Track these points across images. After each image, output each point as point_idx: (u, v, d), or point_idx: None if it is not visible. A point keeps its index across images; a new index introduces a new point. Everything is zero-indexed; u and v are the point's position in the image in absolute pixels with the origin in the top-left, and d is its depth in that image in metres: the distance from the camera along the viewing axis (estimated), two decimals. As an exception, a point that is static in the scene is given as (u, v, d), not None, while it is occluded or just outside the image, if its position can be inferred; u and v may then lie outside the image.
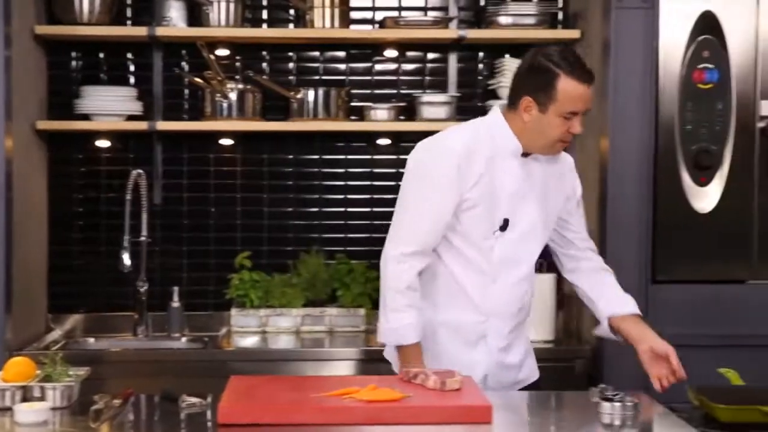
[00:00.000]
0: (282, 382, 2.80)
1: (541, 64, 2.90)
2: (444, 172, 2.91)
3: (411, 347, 2.94)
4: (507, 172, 2.96)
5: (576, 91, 2.86)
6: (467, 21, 4.37)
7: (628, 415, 2.56)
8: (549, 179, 3.04)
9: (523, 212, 2.99)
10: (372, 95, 4.37)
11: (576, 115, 2.89)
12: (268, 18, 4.37)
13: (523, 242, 3.00)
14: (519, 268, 3.01)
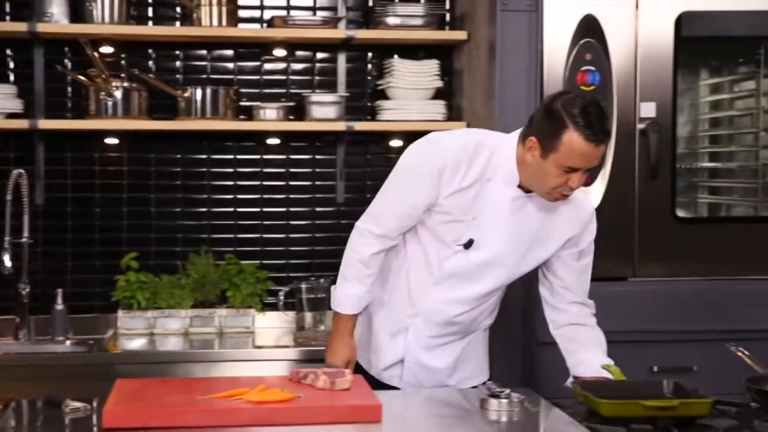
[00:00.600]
0: (170, 385, 2.76)
1: (555, 109, 2.79)
2: (427, 170, 2.89)
3: (342, 318, 3.02)
4: (493, 198, 2.92)
5: (580, 149, 2.75)
6: (356, 21, 4.38)
7: (514, 411, 2.61)
8: (549, 222, 2.98)
9: (495, 241, 2.94)
10: (261, 95, 4.35)
11: (576, 171, 2.80)
12: (153, 15, 4.30)
13: (482, 268, 2.97)
14: (465, 289, 3.00)
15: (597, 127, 2.75)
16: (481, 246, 2.94)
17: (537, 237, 2.98)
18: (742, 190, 4.17)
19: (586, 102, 2.79)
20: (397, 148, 4.40)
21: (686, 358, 3.74)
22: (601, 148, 2.78)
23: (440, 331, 3.06)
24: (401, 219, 2.96)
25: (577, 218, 3.01)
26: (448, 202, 2.90)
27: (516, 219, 2.94)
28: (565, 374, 3.02)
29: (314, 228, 4.37)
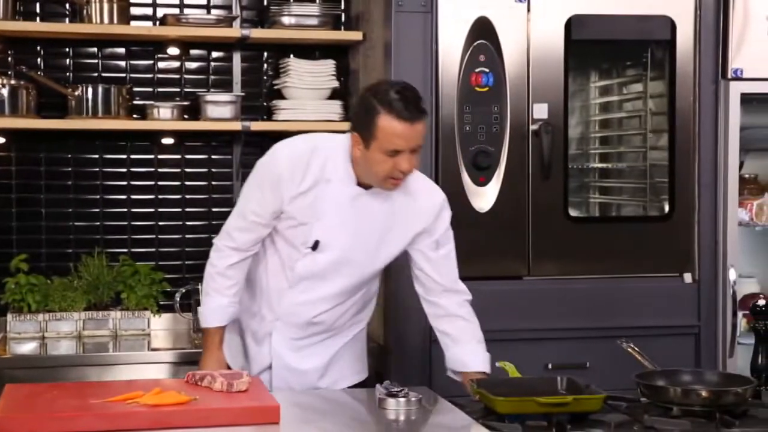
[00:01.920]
0: (62, 389, 2.71)
1: (366, 99, 2.89)
2: (267, 180, 2.98)
3: (209, 332, 3.05)
4: (334, 198, 2.96)
5: (396, 129, 2.82)
6: (251, 20, 4.36)
7: (412, 410, 2.63)
8: (397, 215, 3.01)
9: (340, 240, 2.98)
10: (155, 93, 4.29)
11: (400, 153, 2.85)
12: (41, 11, 4.21)
13: (332, 268, 3.00)
14: (319, 290, 3.03)
15: (409, 105, 2.84)
16: (327, 246, 2.99)
17: (386, 231, 3.02)
18: (631, 190, 4.27)
19: (397, 86, 2.91)
20: (294, 148, 4.39)
21: (579, 355, 3.82)
22: (417, 125, 2.85)
23: (302, 333, 3.09)
24: (251, 230, 3.01)
25: (426, 209, 3.05)
26: (291, 208, 2.96)
27: (360, 216, 2.98)
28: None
29: (211, 229, 4.30)
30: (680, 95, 4.00)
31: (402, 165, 2.86)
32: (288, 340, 3.09)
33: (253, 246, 3.04)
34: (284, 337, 3.09)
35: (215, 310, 3.04)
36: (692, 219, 4.00)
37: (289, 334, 3.08)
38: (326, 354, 3.13)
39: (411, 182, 3.00)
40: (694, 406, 2.68)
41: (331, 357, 3.14)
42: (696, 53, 4.00)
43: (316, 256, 2.99)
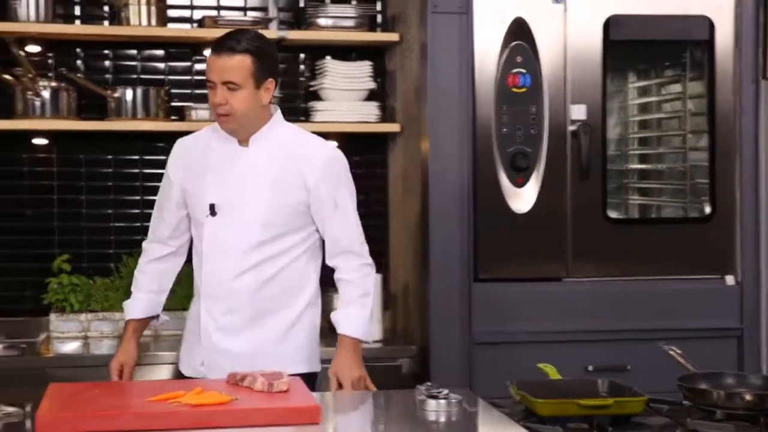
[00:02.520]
0: (104, 389, 2.73)
1: None
2: (168, 165, 3.19)
3: (125, 324, 3.24)
4: (217, 158, 3.08)
5: (209, 60, 3.02)
6: (287, 22, 4.37)
7: (452, 412, 2.62)
8: (283, 170, 3.06)
9: (234, 197, 3.05)
10: (192, 95, 4.31)
11: (214, 86, 3.00)
12: (81, 14, 4.24)
13: (233, 227, 3.05)
14: (229, 253, 3.06)
15: (223, 40, 3.01)
16: (224, 208, 3.05)
17: (274, 183, 3.05)
18: (670, 191, 4.24)
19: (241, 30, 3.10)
20: (333, 149, 4.39)
21: (620, 357, 3.80)
22: (223, 59, 2.97)
23: (226, 305, 3.08)
24: (159, 218, 3.21)
25: (308, 166, 3.07)
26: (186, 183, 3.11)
27: (244, 171, 3.06)
28: (504, 374, 3.04)
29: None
30: (720, 95, 3.97)
31: (215, 97, 3.00)
32: (212, 319, 3.09)
33: (171, 237, 3.19)
34: (210, 316, 3.10)
35: (129, 304, 3.23)
36: (734, 220, 3.97)
37: (214, 310, 3.09)
38: (255, 336, 3.09)
39: (302, 136, 3.14)
40: (738, 410, 2.64)
41: (262, 340, 3.09)
42: (735, 53, 3.97)
43: (216, 221, 3.05)
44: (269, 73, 3.04)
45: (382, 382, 3.64)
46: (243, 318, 3.09)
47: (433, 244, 3.81)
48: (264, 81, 3.02)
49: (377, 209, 4.42)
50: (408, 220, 4.10)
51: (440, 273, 3.67)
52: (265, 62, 3.02)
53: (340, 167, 3.14)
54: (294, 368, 3.08)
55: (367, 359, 3.35)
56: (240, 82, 2.98)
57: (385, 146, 4.42)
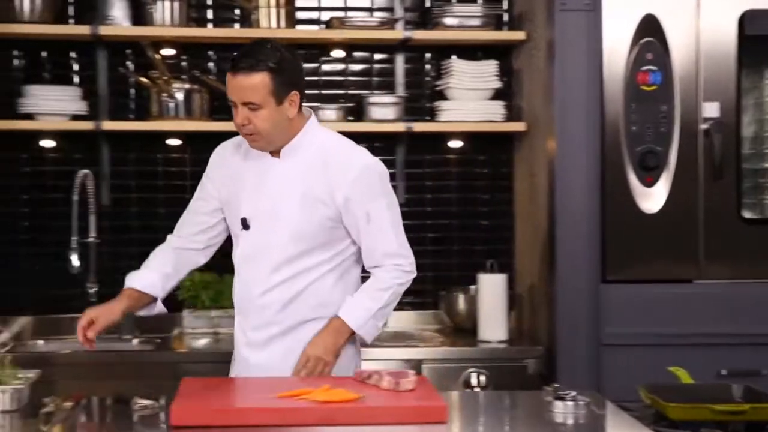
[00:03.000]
0: (235, 383, 2.79)
1: None
2: (209, 171, 3.12)
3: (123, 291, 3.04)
4: (251, 171, 3.00)
5: (227, 79, 2.89)
6: (413, 22, 4.38)
7: (580, 414, 2.59)
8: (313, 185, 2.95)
9: (265, 212, 2.97)
10: (320, 95, 4.37)
11: (236, 106, 2.89)
12: (213, 17, 4.34)
13: (264, 242, 2.97)
14: (259, 268, 2.99)
15: (240, 58, 2.85)
16: (255, 220, 2.98)
17: (305, 196, 2.95)
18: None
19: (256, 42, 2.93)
20: (457, 149, 4.40)
21: (754, 362, 3.69)
22: (239, 79, 2.83)
23: (257, 321, 3.00)
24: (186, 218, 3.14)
25: (339, 178, 2.94)
26: (222, 194, 3.05)
27: (276, 185, 2.96)
28: (633, 377, 2.99)
29: (374, 229, 4.37)
30: None
31: (236, 118, 2.89)
32: (243, 334, 3.03)
33: (197, 236, 3.11)
34: (242, 330, 3.05)
35: (133, 274, 3.06)
36: None
37: (246, 325, 3.03)
38: (287, 351, 3.00)
39: (336, 145, 3.02)
40: None
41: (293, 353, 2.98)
42: None
43: (251, 234, 2.99)
44: (291, 86, 2.88)
45: (507, 382, 3.64)
46: (270, 333, 2.99)
47: (560, 244, 3.77)
48: (286, 95, 2.87)
49: (503, 209, 4.40)
50: (534, 220, 4.07)
51: (567, 274, 3.62)
52: (285, 76, 2.86)
53: (372, 177, 2.97)
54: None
55: (492, 359, 3.37)
56: (260, 101, 2.84)
57: (511, 145, 4.39)
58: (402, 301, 4.26)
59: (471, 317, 4.08)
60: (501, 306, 3.97)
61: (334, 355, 2.94)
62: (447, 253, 4.39)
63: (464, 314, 4.14)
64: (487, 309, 3.95)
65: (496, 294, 3.95)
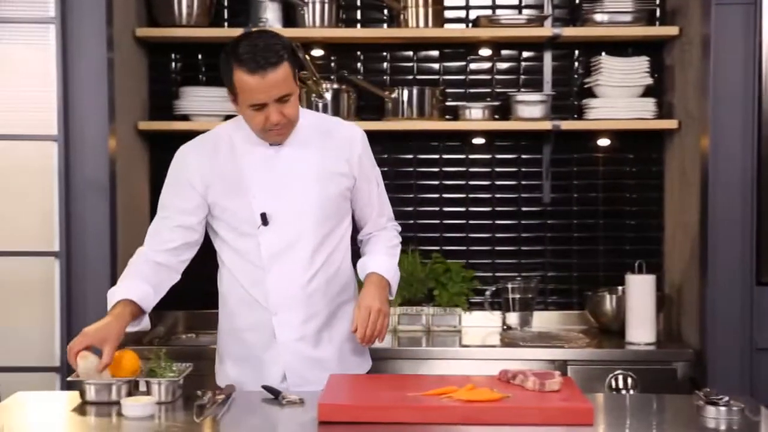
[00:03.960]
0: (380, 381, 2.82)
1: (223, 54, 2.82)
2: (176, 177, 2.95)
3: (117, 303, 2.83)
4: (253, 164, 2.90)
5: (249, 84, 2.73)
6: (562, 19, 4.33)
7: (734, 420, 2.51)
8: (325, 159, 2.92)
9: (286, 201, 2.89)
10: (466, 94, 4.37)
11: (267, 105, 2.76)
12: (362, 18, 4.39)
13: (292, 233, 2.90)
14: (295, 260, 2.91)
15: (257, 56, 2.71)
16: (276, 214, 2.88)
17: (318, 177, 2.90)
18: None
19: (251, 37, 2.76)
20: (605, 148, 4.33)
21: None
22: (271, 75, 2.72)
23: (304, 315, 2.93)
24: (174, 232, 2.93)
25: (345, 146, 2.95)
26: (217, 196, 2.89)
27: (285, 172, 2.89)
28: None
29: (520, 228, 4.35)
30: None
31: (272, 117, 2.77)
32: (294, 329, 2.93)
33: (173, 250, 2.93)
34: (289, 329, 2.93)
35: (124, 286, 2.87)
36: None
37: (295, 323, 2.93)
38: (337, 338, 2.98)
39: (325, 119, 2.99)
40: None
41: (341, 342, 2.98)
42: None
43: (270, 229, 2.88)
44: (296, 65, 2.84)
45: (655, 385, 3.56)
46: (321, 321, 2.96)
47: (712, 245, 3.67)
48: (297, 75, 2.84)
49: (652, 209, 4.31)
50: (685, 220, 3.97)
51: (720, 275, 3.53)
52: (293, 56, 2.82)
53: (368, 145, 3.04)
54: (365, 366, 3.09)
55: (640, 361, 3.28)
56: (291, 89, 2.79)
57: (661, 143, 4.29)
58: (546, 301, 4.29)
59: (617, 318, 4.02)
60: (649, 307, 3.89)
61: (386, 303, 2.92)
62: (593, 253, 4.33)
63: (610, 315, 4.07)
64: (635, 310, 3.88)
65: (644, 295, 3.87)
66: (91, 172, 3.84)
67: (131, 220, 4.00)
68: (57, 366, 3.83)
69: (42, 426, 2.57)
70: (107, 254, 3.73)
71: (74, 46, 3.85)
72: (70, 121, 3.85)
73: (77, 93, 3.84)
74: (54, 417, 2.65)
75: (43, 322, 3.89)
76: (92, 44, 3.81)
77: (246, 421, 2.60)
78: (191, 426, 2.50)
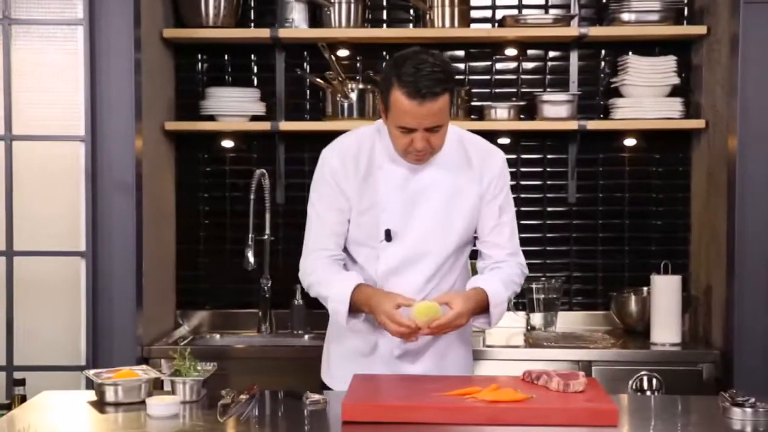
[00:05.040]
0: (403, 381, 2.82)
1: (386, 68, 2.77)
2: (324, 181, 2.92)
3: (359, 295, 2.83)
4: (389, 181, 2.86)
5: (404, 107, 2.68)
6: (588, 18, 4.31)
7: (760, 422, 2.49)
8: (459, 181, 2.89)
9: (414, 221, 2.86)
10: (492, 94, 4.36)
11: (414, 131, 2.71)
12: (387, 18, 4.39)
13: (415, 251, 2.88)
14: (410, 280, 2.89)
15: (421, 82, 2.64)
16: (403, 232, 2.86)
17: (451, 200, 2.86)
18: None
19: (419, 57, 2.69)
20: (632, 147, 4.31)
21: None
22: (428, 105, 2.66)
23: None
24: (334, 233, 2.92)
25: (484, 171, 2.90)
26: (354, 203, 2.87)
27: (420, 192, 2.85)
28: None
29: (545, 228, 4.34)
30: None
31: (417, 144, 2.72)
32: (394, 347, 2.92)
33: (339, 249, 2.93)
34: (391, 342, 2.92)
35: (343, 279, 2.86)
36: None
37: (396, 340, 2.89)
38: (436, 354, 2.96)
39: (465, 142, 2.91)
40: None
41: (442, 356, 2.96)
42: None
43: (394, 246, 2.87)
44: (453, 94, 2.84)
45: (680, 386, 3.54)
46: (425, 341, 2.94)
47: (739, 246, 3.64)
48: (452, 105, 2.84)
49: (679, 209, 4.28)
50: (712, 221, 3.94)
51: (747, 276, 3.50)
52: (455, 88, 2.78)
53: (508, 172, 2.97)
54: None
55: (665, 362, 3.25)
56: (444, 121, 2.76)
57: (688, 143, 4.27)
58: (571, 302, 4.27)
59: (642, 319, 4.00)
60: (675, 308, 3.86)
61: (466, 318, 2.84)
62: (619, 253, 4.31)
63: (636, 316, 4.05)
64: (660, 311, 3.86)
65: (670, 296, 3.85)
66: (117, 172, 3.86)
67: (157, 220, 4.03)
68: (83, 365, 3.85)
69: (68, 425, 2.59)
70: (133, 254, 3.76)
71: (102, 47, 3.87)
72: (97, 122, 3.87)
73: (104, 94, 3.87)
74: (79, 416, 2.66)
75: (69, 321, 3.92)
76: (120, 45, 3.83)
77: (270, 421, 2.61)
78: (215, 425, 2.51)
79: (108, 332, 3.81)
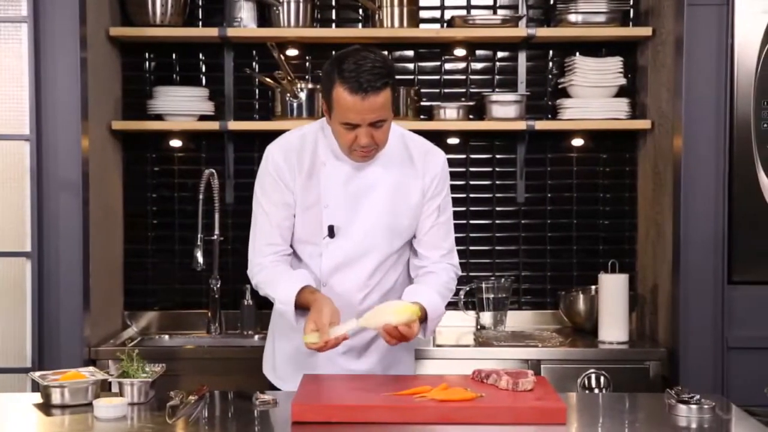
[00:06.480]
0: (353, 381, 2.82)
1: (327, 66, 2.79)
2: (269, 177, 2.92)
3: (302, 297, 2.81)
4: (332, 177, 2.88)
5: (347, 103, 2.70)
6: (536, 19, 4.35)
7: (705, 418, 2.53)
8: (402, 179, 2.91)
9: (357, 217, 2.88)
10: (441, 94, 4.37)
11: (358, 127, 2.73)
12: (337, 18, 4.38)
13: (358, 248, 2.90)
14: (353, 276, 2.91)
15: (362, 77, 2.67)
16: (346, 228, 2.88)
17: (395, 197, 2.89)
18: None
19: (359, 54, 2.72)
20: (579, 147, 4.35)
21: None
22: (371, 99, 2.69)
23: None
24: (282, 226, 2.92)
25: (425, 172, 2.92)
26: (297, 199, 2.88)
27: (368, 186, 2.87)
28: (760, 381, 2.91)
29: (495, 227, 4.36)
30: None
31: (361, 139, 2.74)
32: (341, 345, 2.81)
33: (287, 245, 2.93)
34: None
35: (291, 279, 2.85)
36: None
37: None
38: (380, 349, 2.97)
39: (408, 141, 2.93)
40: None
41: (386, 352, 2.97)
42: None
43: (336, 243, 2.88)
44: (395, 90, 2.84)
45: (627, 384, 3.58)
46: (370, 336, 2.98)
47: (684, 245, 3.69)
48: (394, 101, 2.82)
49: (626, 208, 4.33)
50: (658, 220, 3.99)
51: (692, 275, 3.54)
52: (395, 83, 2.79)
53: (447, 171, 3.00)
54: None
55: (612, 360, 3.27)
56: (387, 116, 2.76)
57: (634, 144, 4.32)
58: (520, 301, 4.31)
59: (590, 318, 4.04)
60: (622, 306, 3.91)
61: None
62: (567, 252, 4.35)
63: (584, 314, 4.09)
64: (608, 309, 3.90)
65: (617, 294, 3.89)
66: (63, 171, 3.81)
67: (104, 221, 3.99)
68: (28, 367, 3.80)
69: (13, 428, 2.55)
70: (80, 254, 3.71)
71: (47, 46, 3.81)
72: (42, 121, 3.82)
73: (50, 92, 3.81)
74: (25, 419, 2.63)
75: (14, 322, 3.86)
76: (65, 43, 3.78)
77: (219, 422, 2.59)
78: (164, 427, 2.49)
79: (54, 334, 3.75)
